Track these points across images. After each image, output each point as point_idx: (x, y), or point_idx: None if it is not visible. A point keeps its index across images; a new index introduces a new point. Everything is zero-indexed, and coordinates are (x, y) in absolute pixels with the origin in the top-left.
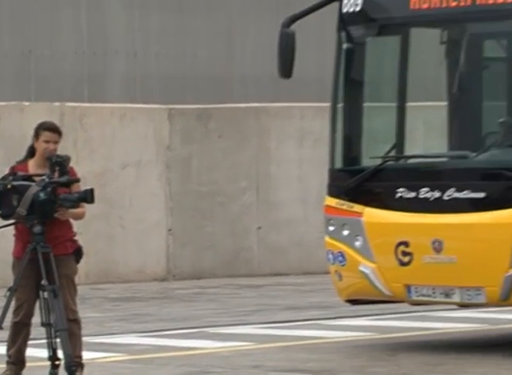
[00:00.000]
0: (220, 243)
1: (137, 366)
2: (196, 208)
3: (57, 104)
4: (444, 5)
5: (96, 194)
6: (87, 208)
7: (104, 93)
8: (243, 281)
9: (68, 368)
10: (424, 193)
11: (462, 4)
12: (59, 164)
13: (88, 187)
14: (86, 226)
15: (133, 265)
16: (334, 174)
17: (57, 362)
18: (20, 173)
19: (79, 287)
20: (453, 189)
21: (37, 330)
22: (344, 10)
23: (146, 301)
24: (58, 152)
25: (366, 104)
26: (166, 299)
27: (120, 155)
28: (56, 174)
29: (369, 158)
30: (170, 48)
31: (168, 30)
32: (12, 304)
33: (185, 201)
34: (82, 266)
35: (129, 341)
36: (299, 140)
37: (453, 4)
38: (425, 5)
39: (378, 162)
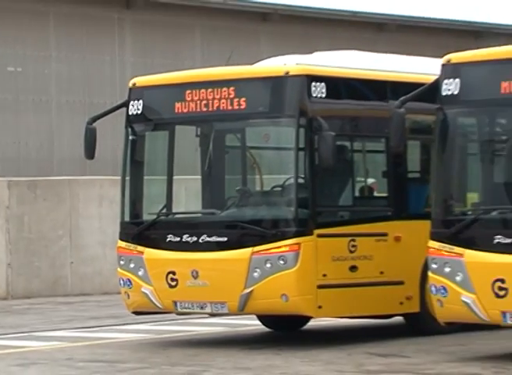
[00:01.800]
0: (44, 273)
1: None
2: (27, 249)
3: None
4: (198, 109)
5: None
6: None
7: None
8: (60, 300)
9: None
10: (186, 238)
11: (210, 109)
12: None
13: None
14: None
15: None
16: (123, 225)
17: None
18: None
19: None
20: (205, 235)
21: None
22: (130, 113)
23: None
24: None
25: (146, 177)
26: (6, 312)
27: None
28: None
29: (148, 214)
30: (8, 138)
31: (6, 125)
32: None
33: (19, 244)
34: None
35: None
36: (99, 202)
37: (204, 109)
38: (185, 110)
39: (154, 216)
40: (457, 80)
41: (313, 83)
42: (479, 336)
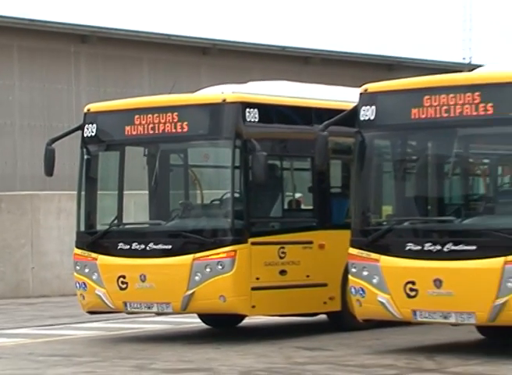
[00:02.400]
0: (8, 277)
1: None
2: None
3: None
4: (145, 132)
5: None
6: None
7: None
8: (22, 301)
9: None
10: (135, 246)
11: (156, 132)
12: None
13: None
14: None
15: None
16: (79, 235)
17: None
18: None
19: None
20: (152, 243)
21: None
22: (85, 135)
23: None
24: None
25: (99, 192)
26: None
27: None
28: None
29: (101, 225)
30: None
31: None
32: None
33: None
34: None
35: None
36: (57, 214)
37: (151, 132)
38: (134, 132)
39: (107, 227)
40: (373, 107)
41: (247, 110)
42: (393, 331)
